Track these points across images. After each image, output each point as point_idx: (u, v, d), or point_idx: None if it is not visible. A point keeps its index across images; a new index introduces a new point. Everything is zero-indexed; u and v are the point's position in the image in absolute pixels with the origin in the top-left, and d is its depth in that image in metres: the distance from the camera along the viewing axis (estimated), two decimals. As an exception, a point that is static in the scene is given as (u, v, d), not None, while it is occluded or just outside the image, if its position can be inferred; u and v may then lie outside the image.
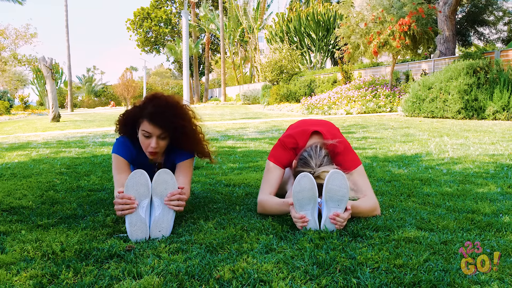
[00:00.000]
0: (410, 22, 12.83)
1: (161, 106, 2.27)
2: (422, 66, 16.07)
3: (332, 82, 21.47)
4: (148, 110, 2.26)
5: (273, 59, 24.56)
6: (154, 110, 2.25)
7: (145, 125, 2.26)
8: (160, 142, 2.29)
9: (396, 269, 1.50)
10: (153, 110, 2.25)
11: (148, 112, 2.26)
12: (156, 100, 2.30)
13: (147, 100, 2.33)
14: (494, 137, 5.89)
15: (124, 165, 2.35)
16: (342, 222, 1.95)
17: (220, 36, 36.37)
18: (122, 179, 2.27)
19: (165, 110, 2.26)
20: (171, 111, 2.27)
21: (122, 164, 2.35)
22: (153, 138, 2.27)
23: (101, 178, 3.58)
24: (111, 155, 2.44)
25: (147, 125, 2.25)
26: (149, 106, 2.28)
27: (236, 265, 1.57)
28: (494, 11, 19.60)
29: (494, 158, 4.14)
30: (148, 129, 2.25)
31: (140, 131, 2.31)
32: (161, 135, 2.27)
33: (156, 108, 2.25)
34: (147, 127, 2.25)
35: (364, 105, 14.01)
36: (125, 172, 2.33)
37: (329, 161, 2.23)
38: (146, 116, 2.25)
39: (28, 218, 2.34)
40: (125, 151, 2.39)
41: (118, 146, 2.41)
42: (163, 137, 2.29)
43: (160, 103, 2.28)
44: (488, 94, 9.60)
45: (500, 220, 2.14)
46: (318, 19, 27.66)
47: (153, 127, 2.24)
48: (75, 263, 1.64)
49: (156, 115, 2.24)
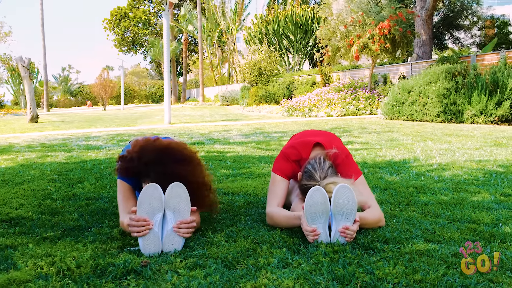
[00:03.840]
0: (390, 26, 13.04)
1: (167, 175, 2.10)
2: (400, 69, 16.35)
3: (310, 84, 21.63)
4: (153, 176, 2.12)
5: (252, 61, 24.60)
6: (159, 178, 2.09)
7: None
8: None
9: (416, 284, 1.54)
10: (158, 178, 2.09)
11: (153, 177, 2.11)
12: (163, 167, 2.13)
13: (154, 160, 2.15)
14: (477, 142, 6.05)
15: (130, 192, 2.33)
16: (352, 234, 1.99)
17: (198, 37, 36.22)
18: (128, 206, 2.24)
19: (170, 180, 2.07)
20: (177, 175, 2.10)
21: (127, 191, 2.32)
22: None
23: (96, 186, 3.54)
24: (117, 181, 2.37)
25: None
26: (154, 170, 2.13)
27: (258, 282, 1.58)
28: (469, 16, 20.09)
29: (481, 164, 4.25)
30: None
31: (143, 184, 2.18)
32: None
33: (161, 177, 2.09)
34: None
35: (344, 108, 14.17)
36: (130, 199, 2.30)
37: (334, 173, 2.26)
38: (152, 178, 2.11)
39: (31, 230, 2.31)
40: (131, 178, 2.35)
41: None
42: None
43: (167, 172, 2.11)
44: (467, 98, 9.84)
45: (501, 230, 2.21)
46: (297, 21, 27.84)
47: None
48: (93, 280, 1.63)
49: (161, 181, 2.07)
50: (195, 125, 11.91)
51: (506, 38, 19.47)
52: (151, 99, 53.73)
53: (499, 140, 6.22)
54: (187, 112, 21.79)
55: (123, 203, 2.27)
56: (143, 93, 53.67)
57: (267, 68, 24.82)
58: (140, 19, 44.54)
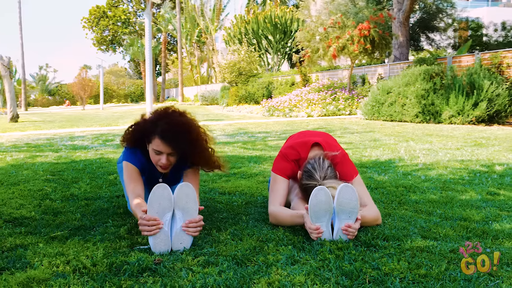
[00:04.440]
0: (369, 27, 13.29)
1: (173, 125, 2.28)
2: (378, 70, 16.63)
3: (290, 84, 21.81)
4: (160, 128, 2.27)
5: (232, 61, 24.64)
6: (166, 128, 2.26)
7: (156, 143, 2.28)
8: (170, 158, 2.33)
9: (422, 279, 1.65)
10: (165, 128, 2.26)
11: (160, 130, 2.27)
12: (168, 118, 2.31)
13: (159, 117, 2.34)
14: (457, 142, 6.26)
15: (136, 174, 2.38)
16: (354, 232, 2.09)
17: (178, 36, 36.09)
18: (136, 189, 2.30)
19: (177, 129, 2.27)
20: (183, 131, 2.29)
21: (134, 172, 2.38)
22: (164, 155, 2.31)
23: (91, 186, 3.57)
24: (123, 163, 2.44)
25: (158, 143, 2.28)
26: (161, 123, 2.29)
27: (271, 278, 1.66)
28: (444, 18, 20.56)
29: (464, 164, 4.42)
30: (159, 148, 2.28)
31: (150, 147, 2.34)
32: (172, 153, 2.32)
33: (168, 126, 2.27)
34: (158, 145, 2.28)
35: (325, 108, 14.36)
36: (137, 181, 2.36)
37: (333, 172, 2.36)
38: (158, 134, 2.27)
39: (37, 230, 2.34)
40: (136, 159, 2.42)
41: (129, 154, 2.43)
42: (173, 154, 2.33)
43: (172, 121, 2.29)
44: (444, 99, 10.12)
45: (491, 227, 2.34)
46: (275, 22, 28.00)
47: (164, 146, 2.27)
48: (111, 278, 1.69)
49: (168, 134, 2.26)
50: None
51: (480, 40, 20.01)
52: (130, 99, 53.24)
53: (479, 140, 6.45)
54: (167, 112, 21.68)
55: (131, 186, 2.32)
56: (121, 93, 53.15)
57: (247, 68, 24.90)
58: (120, 18, 44.10)
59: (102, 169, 4.41)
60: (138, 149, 2.47)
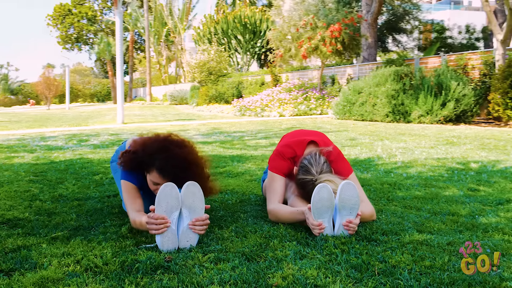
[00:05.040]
0: (340, 29, 13.52)
1: (172, 160, 2.26)
2: (347, 71, 16.94)
3: (260, 84, 21.93)
4: (158, 163, 2.26)
5: (201, 60, 24.58)
6: (165, 164, 2.25)
7: (154, 176, 2.28)
8: None
9: (428, 270, 1.74)
10: (164, 164, 2.25)
11: (158, 164, 2.26)
12: (167, 153, 2.28)
13: (157, 149, 2.31)
14: (430, 140, 6.48)
15: (135, 191, 2.39)
16: (354, 227, 2.17)
17: (146, 35, 35.67)
18: (136, 205, 2.32)
19: (176, 164, 2.25)
20: (182, 166, 2.27)
21: (133, 190, 2.39)
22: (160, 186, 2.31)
23: (79, 186, 3.54)
24: (121, 182, 2.43)
25: (156, 177, 2.28)
26: (159, 157, 2.27)
27: (285, 272, 1.72)
28: (411, 20, 21.13)
29: (441, 161, 4.60)
30: (157, 180, 2.29)
31: (148, 177, 2.33)
32: None
33: (167, 162, 2.25)
34: (156, 178, 2.28)
35: (296, 108, 14.52)
36: (136, 197, 2.37)
37: (328, 168, 2.43)
38: (157, 168, 2.26)
39: (35, 231, 2.32)
40: (134, 178, 2.42)
41: (127, 173, 2.43)
42: None
43: (171, 156, 2.27)
44: (414, 99, 10.42)
45: (479, 221, 2.47)
46: (245, 22, 28.08)
47: (162, 179, 2.27)
48: (126, 276, 1.70)
49: (166, 169, 2.25)
50: (150, 125, 11.81)
51: (445, 42, 20.66)
52: (97, 98, 52.26)
53: (450, 139, 6.69)
54: (137, 112, 21.46)
55: (131, 203, 2.33)
56: (87, 92, 52.11)
57: (217, 68, 24.89)
58: (86, 15, 43.17)
59: (86, 170, 4.36)
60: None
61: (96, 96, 52.54)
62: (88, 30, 44.51)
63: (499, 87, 9.09)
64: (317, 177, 2.35)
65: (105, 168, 4.45)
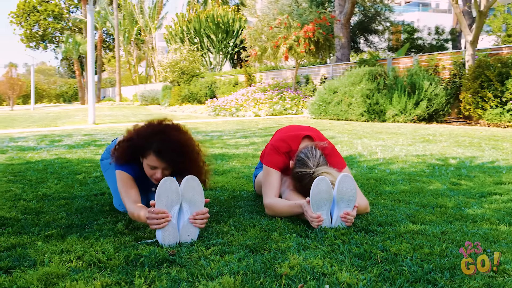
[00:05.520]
0: (314, 29, 13.66)
1: (169, 141, 2.27)
2: (321, 71, 17.11)
3: (233, 84, 21.91)
4: (155, 145, 2.26)
5: (174, 60, 24.37)
6: (161, 146, 2.25)
7: (151, 159, 2.28)
8: (165, 172, 2.33)
9: (429, 257, 1.79)
10: (161, 146, 2.25)
11: (155, 147, 2.26)
12: (163, 134, 2.30)
13: (153, 132, 2.32)
14: (407, 138, 6.61)
15: (131, 181, 2.37)
16: (352, 219, 2.21)
17: (115, 34, 35.11)
18: (133, 196, 2.30)
19: (172, 146, 2.27)
20: (178, 148, 2.29)
21: (129, 180, 2.37)
22: (158, 170, 2.31)
23: (62, 186, 3.46)
24: (116, 172, 2.40)
25: (153, 159, 2.28)
26: (155, 139, 2.28)
27: (291, 262, 1.73)
28: (382, 21, 21.52)
29: (421, 158, 4.70)
30: (154, 163, 2.28)
31: (145, 162, 2.33)
32: (167, 167, 2.32)
33: (164, 143, 2.26)
34: (154, 161, 2.28)
35: (272, 108, 14.58)
36: (133, 188, 2.35)
37: (325, 161, 2.46)
38: (153, 151, 2.26)
39: (26, 230, 2.26)
40: (129, 168, 2.39)
41: (122, 164, 2.40)
42: (168, 169, 2.33)
43: (168, 138, 2.29)
44: (388, 99, 10.61)
45: (466, 212, 2.55)
46: (218, 21, 28.01)
47: (160, 162, 2.28)
48: (134, 270, 1.68)
49: (163, 152, 2.25)
50: (123, 125, 11.63)
51: (415, 43, 21.12)
52: (63, 99, 51.11)
53: (426, 137, 6.84)
54: (107, 112, 21.11)
55: (127, 193, 2.30)
56: (53, 92, 50.91)
57: (189, 67, 24.73)
58: (51, 13, 42.13)
59: (66, 169, 4.27)
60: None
61: (62, 96, 51.40)
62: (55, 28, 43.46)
63: (470, 86, 9.35)
64: (314, 170, 2.37)
65: (87, 168, 4.38)
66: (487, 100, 9.00)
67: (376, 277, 1.62)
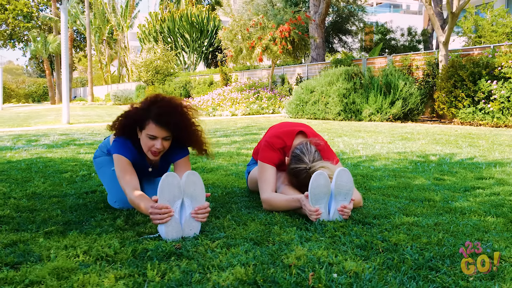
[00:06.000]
0: (290, 29, 13.77)
1: (167, 107, 2.31)
2: (297, 70, 17.26)
3: (208, 83, 21.87)
4: (154, 112, 2.29)
5: (148, 59, 24.15)
6: (160, 112, 2.29)
7: (151, 128, 2.30)
8: (164, 143, 2.35)
9: (427, 246, 1.87)
10: (159, 112, 2.29)
11: (154, 114, 2.29)
12: (160, 102, 2.34)
13: (150, 103, 2.35)
14: (386, 137, 6.76)
15: (129, 166, 2.37)
16: (348, 212, 2.28)
17: (87, 33, 34.51)
18: (132, 181, 2.30)
19: (171, 112, 2.31)
20: (176, 113, 2.33)
21: (127, 165, 2.37)
22: (158, 140, 2.33)
23: (50, 184, 3.42)
24: (113, 156, 2.41)
25: (153, 128, 2.30)
26: (153, 108, 2.31)
27: (297, 253, 1.78)
28: (356, 22, 21.85)
29: (402, 155, 4.83)
30: (154, 132, 2.30)
31: (144, 133, 2.34)
32: (167, 137, 2.34)
33: (162, 110, 2.29)
34: (153, 129, 2.30)
35: (249, 107, 14.63)
36: (132, 173, 2.35)
37: (319, 156, 2.52)
38: (153, 118, 2.29)
39: (24, 227, 2.25)
40: (127, 151, 2.41)
41: (119, 147, 2.41)
42: (168, 138, 2.36)
43: (165, 104, 2.33)
44: (364, 98, 10.80)
45: (454, 205, 2.65)
46: (192, 20, 27.88)
47: (160, 130, 2.30)
48: (143, 263, 1.70)
49: (162, 118, 2.29)
50: (99, 125, 11.48)
51: (388, 43, 21.52)
52: (32, 99, 49.93)
53: (404, 135, 7.01)
54: (79, 112, 20.74)
55: (127, 179, 2.31)
56: (21, 92, 49.69)
57: (163, 67, 24.56)
58: (21, 12, 41.08)
59: (51, 168, 4.21)
60: (128, 140, 2.45)
61: (32, 96, 50.24)
62: (24, 27, 42.42)
63: (444, 86, 9.61)
64: (310, 165, 2.43)
65: (72, 167, 4.32)
66: (460, 100, 9.27)
67: (380, 265, 1.68)
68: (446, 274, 1.60)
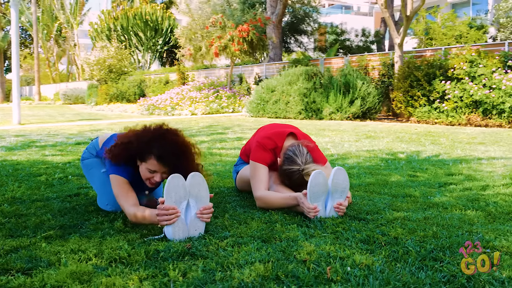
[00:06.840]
0: (248, 30, 13.86)
1: (170, 146, 2.32)
2: (255, 70, 17.39)
3: (164, 82, 21.61)
4: (156, 149, 2.30)
5: (101, 57, 23.55)
6: (163, 150, 2.30)
7: (152, 164, 2.31)
8: (163, 176, 2.37)
9: (426, 239, 1.98)
10: (162, 150, 2.30)
11: (156, 151, 2.30)
12: (164, 140, 2.34)
13: (153, 137, 2.35)
14: (351, 135, 6.97)
15: (127, 185, 2.37)
16: (344, 209, 2.38)
17: (33, 30, 33.21)
18: (131, 199, 2.31)
19: (173, 151, 2.32)
20: (179, 152, 2.34)
21: (125, 184, 2.37)
22: (157, 174, 2.34)
23: (27, 188, 3.32)
24: (110, 177, 2.39)
25: (154, 164, 2.31)
26: (156, 144, 2.31)
27: (307, 249, 1.85)
28: (311, 22, 22.24)
29: (372, 153, 5.01)
30: (155, 168, 2.32)
31: (144, 165, 2.34)
32: (167, 172, 2.35)
33: (165, 148, 2.31)
34: (154, 166, 2.31)
35: (208, 106, 14.60)
36: (130, 191, 2.36)
37: (311, 158, 2.61)
38: (154, 155, 2.29)
39: (18, 232, 2.20)
40: (124, 171, 2.39)
41: (117, 168, 2.38)
42: (167, 172, 2.36)
43: (168, 143, 2.33)
44: (324, 97, 11.05)
45: (434, 200, 2.81)
46: (146, 19, 27.44)
47: (160, 166, 2.31)
48: (160, 263, 1.72)
49: (165, 156, 2.30)
50: (54, 125, 11.10)
51: (343, 44, 22.05)
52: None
53: (368, 133, 7.25)
54: (28, 112, 19.98)
55: (125, 198, 2.30)
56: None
57: (117, 65, 24.02)
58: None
59: (21, 172, 4.08)
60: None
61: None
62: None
63: (401, 86, 9.99)
64: (303, 167, 2.50)
65: (44, 170, 4.20)
66: (416, 99, 9.67)
67: (387, 258, 1.78)
68: (450, 264, 1.71)
